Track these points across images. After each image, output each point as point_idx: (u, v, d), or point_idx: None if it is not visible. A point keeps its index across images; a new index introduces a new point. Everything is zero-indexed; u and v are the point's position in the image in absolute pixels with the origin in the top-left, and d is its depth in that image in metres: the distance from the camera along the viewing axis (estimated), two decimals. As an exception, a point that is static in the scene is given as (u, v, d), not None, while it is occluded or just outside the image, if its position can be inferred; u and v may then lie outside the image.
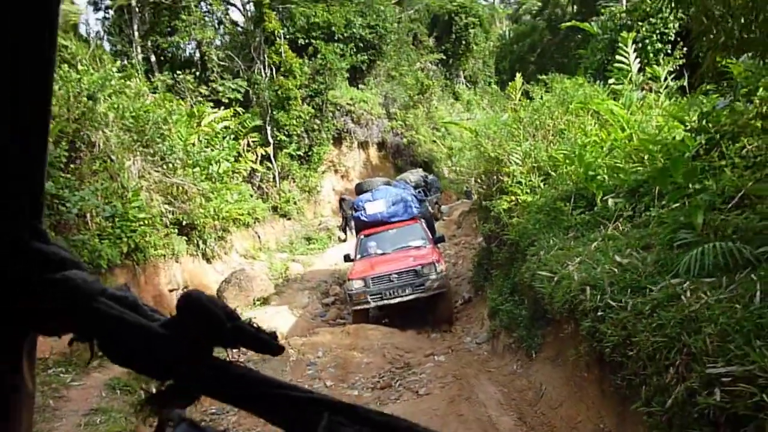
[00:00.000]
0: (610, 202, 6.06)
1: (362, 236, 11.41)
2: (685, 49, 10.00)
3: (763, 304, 2.84)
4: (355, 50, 22.56)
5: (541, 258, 5.51)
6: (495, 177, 9.40)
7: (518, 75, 10.56)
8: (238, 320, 0.58)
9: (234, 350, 0.60)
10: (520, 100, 10.30)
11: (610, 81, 10.61)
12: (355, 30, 22.18)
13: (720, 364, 2.53)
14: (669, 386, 2.84)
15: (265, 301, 11.76)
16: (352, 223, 16.55)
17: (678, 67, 9.96)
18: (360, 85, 23.77)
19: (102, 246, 9.60)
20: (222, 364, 0.57)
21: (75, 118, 10.48)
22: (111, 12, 19.58)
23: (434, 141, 24.79)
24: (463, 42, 31.52)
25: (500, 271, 7.74)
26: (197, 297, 0.58)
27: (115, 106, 11.33)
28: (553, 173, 7.88)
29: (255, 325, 0.60)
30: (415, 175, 16.98)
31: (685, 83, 9.33)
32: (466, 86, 33.04)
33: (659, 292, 3.45)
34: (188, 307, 0.57)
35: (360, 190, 13.71)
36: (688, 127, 6.03)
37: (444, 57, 30.53)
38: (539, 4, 31.82)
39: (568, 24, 17.33)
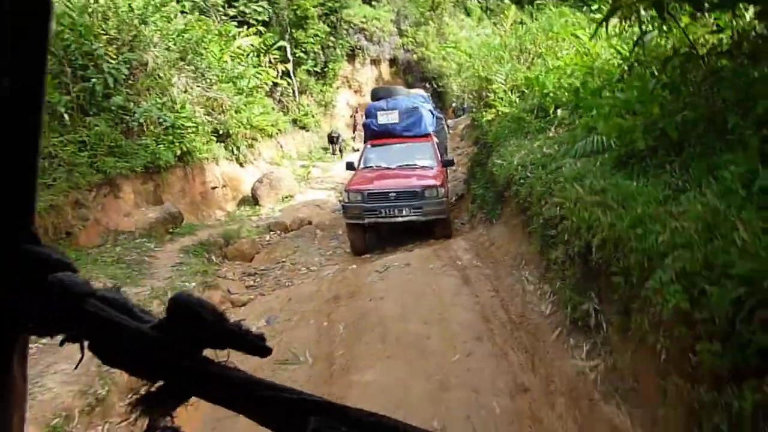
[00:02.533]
0: (559, 113, 8.28)
1: (369, 146, 11.08)
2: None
3: (601, 169, 5.16)
4: (368, -33, 23.94)
5: (501, 153, 7.82)
6: (484, 93, 11.53)
7: (513, 6, 12.44)
8: (227, 322, 0.58)
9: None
10: (511, 26, 12.25)
11: (594, 7, 12.43)
12: (369, -52, 23.48)
13: (558, 196, 4.92)
14: (542, 212, 5.24)
15: (291, 197, 14.28)
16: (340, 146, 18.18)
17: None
18: (373, 3, 25.24)
19: (160, 149, 11.96)
20: (212, 366, 0.58)
21: (129, 41, 12.59)
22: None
23: (443, 57, 26.47)
24: (476, -45, 32.24)
25: (481, 168, 10.04)
26: (187, 299, 0.59)
27: (160, 28, 13.38)
28: (526, 91, 10.02)
29: (243, 327, 0.60)
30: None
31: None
32: (478, 2, 34.01)
33: (552, 166, 5.79)
34: (178, 310, 0.58)
35: (376, 96, 12.65)
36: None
37: (456, -28, 31.40)
38: None
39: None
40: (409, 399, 3.63)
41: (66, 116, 10.33)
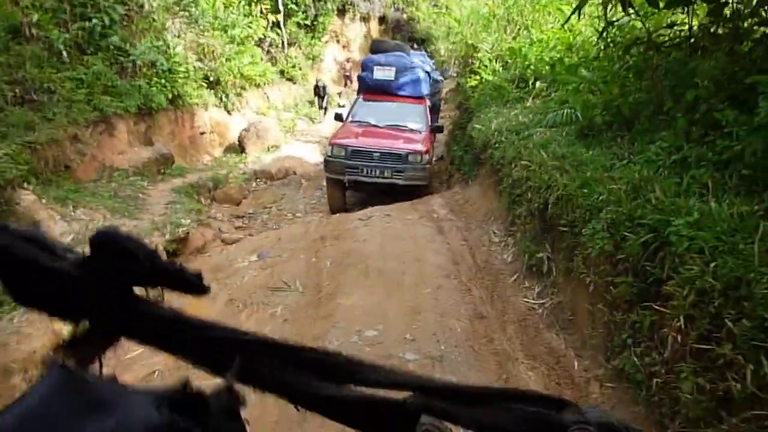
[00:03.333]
0: (537, 84, 8.95)
1: (361, 99, 11.01)
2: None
3: (566, 139, 5.88)
4: None
5: (481, 118, 8.51)
6: (470, 60, 12.11)
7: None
8: (158, 259, 0.55)
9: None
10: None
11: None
12: None
13: (525, 159, 5.65)
14: (511, 173, 5.98)
15: (276, 148, 14.83)
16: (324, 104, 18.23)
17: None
18: (367, -43, 25.31)
19: (152, 92, 12.37)
20: (141, 305, 0.55)
21: (126, -19, 12.81)
22: None
23: (433, 20, 26.77)
24: None
25: (461, 131, 10.72)
26: (113, 234, 0.54)
27: (157, -29, 13.59)
28: (510, 61, 10.65)
29: (179, 264, 0.57)
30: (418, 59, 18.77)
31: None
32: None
33: (525, 133, 6.51)
34: (103, 245, 0.54)
35: (375, 49, 12.55)
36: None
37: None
38: None
39: None
40: (386, 318, 4.40)
41: (65, 53, 10.69)
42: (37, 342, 4.66)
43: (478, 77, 11.03)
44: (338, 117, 10.83)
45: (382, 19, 26.21)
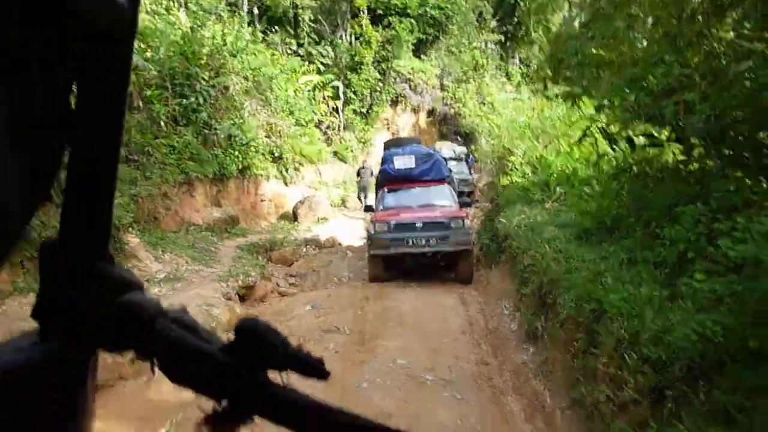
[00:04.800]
0: (558, 189, 10.73)
1: (386, 190, 11.47)
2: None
3: (566, 237, 7.56)
4: (424, 26, 26.95)
5: (507, 214, 10.28)
6: (505, 161, 14.03)
7: (540, 96, 15.04)
8: (290, 346, 0.63)
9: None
10: (537, 108, 14.83)
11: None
12: (427, 9, 26.54)
13: (534, 250, 7.34)
14: (522, 261, 7.67)
15: (326, 220, 16.82)
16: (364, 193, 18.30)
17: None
18: (422, 57, 28.20)
19: (226, 161, 14.60)
20: (277, 388, 0.62)
21: (217, 67, 15.37)
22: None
23: (479, 115, 29.26)
24: (524, 26, 35.33)
25: (491, 222, 12.47)
26: (254, 323, 0.63)
27: (242, 61, 16.20)
28: (538, 166, 12.51)
29: (305, 351, 0.64)
30: (448, 148, 20.16)
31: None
32: (519, 68, 36.98)
33: (539, 230, 8.22)
34: (246, 332, 0.63)
35: (389, 146, 13.36)
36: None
37: (503, 39, 34.45)
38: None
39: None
40: (414, 354, 6.04)
41: (163, 124, 13.02)
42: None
43: (509, 178, 12.89)
44: (368, 208, 11.78)
45: (431, 112, 28.77)
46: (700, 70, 5.63)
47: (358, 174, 20.09)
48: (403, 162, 11.41)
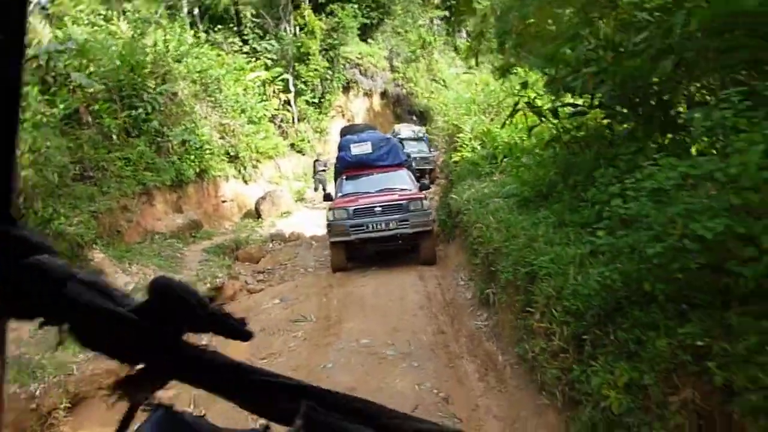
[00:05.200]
0: (504, 161, 11.25)
1: (344, 177, 11.63)
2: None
3: (509, 207, 8.08)
4: (367, 10, 27.18)
5: (458, 190, 10.77)
6: (455, 137, 14.51)
7: (485, 71, 15.52)
8: (208, 307, 0.61)
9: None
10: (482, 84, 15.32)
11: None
12: (369, -8, 26.80)
13: (481, 222, 7.85)
14: (472, 233, 8.17)
15: (289, 213, 17.15)
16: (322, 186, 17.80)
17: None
18: (369, 40, 28.45)
19: (183, 166, 14.78)
20: (194, 350, 0.61)
21: (163, 74, 15.47)
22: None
23: (431, 91, 29.72)
24: (467, -1, 35.74)
25: (445, 199, 12.98)
26: (168, 283, 0.61)
27: (187, 65, 16.32)
28: (485, 140, 13.01)
29: (225, 311, 0.63)
30: (407, 129, 20.64)
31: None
32: (467, 41, 37.44)
33: (486, 202, 8.73)
34: (160, 293, 0.60)
35: (345, 133, 13.51)
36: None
37: (447, 14, 34.81)
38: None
39: None
40: (375, 334, 6.50)
41: (115, 137, 13.16)
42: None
43: (459, 154, 13.38)
44: (328, 197, 11.86)
45: (384, 94, 29.09)
46: (604, 43, 6.16)
47: (314, 168, 20.14)
48: (360, 148, 11.55)
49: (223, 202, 16.66)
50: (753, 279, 2.56)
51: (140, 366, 0.62)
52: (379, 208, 9.74)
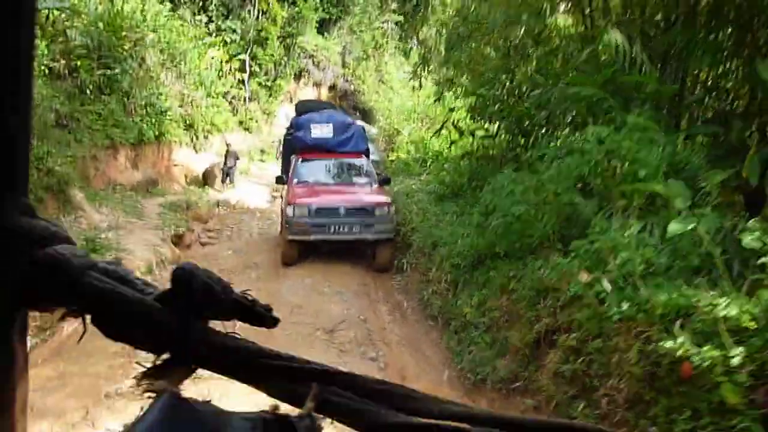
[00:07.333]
0: (431, 165, 13.83)
1: (300, 159, 10.97)
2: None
3: (429, 200, 10.59)
4: (328, 5, 29.37)
5: (393, 189, 13.24)
6: (394, 139, 17.03)
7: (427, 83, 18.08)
8: (233, 293, 0.62)
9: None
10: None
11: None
12: (331, -12, 28.99)
13: (406, 211, 10.35)
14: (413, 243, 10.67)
15: (233, 185, 19.16)
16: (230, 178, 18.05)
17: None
18: (325, 34, 30.61)
19: (145, 128, 16.57)
20: (217, 337, 0.61)
21: (135, 40, 17.17)
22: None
23: (377, 92, 32.19)
24: (422, 9, 38.45)
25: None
26: (192, 270, 0.61)
27: (160, 36, 18.06)
28: (419, 145, 15.58)
29: (250, 297, 0.64)
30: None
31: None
32: (417, 49, 40.13)
33: (413, 196, 11.21)
34: (184, 280, 0.60)
35: (303, 109, 12.62)
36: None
37: (402, 20, 37.38)
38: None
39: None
40: (316, 278, 8.86)
41: (89, 92, 14.86)
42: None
43: (396, 154, 15.91)
44: (280, 180, 11.32)
45: (332, 87, 31.33)
46: (515, 89, 8.82)
47: (225, 159, 19.46)
48: (321, 130, 10.98)
49: (175, 165, 18.48)
50: (537, 239, 5.14)
51: (166, 356, 0.63)
52: (344, 210, 9.44)
